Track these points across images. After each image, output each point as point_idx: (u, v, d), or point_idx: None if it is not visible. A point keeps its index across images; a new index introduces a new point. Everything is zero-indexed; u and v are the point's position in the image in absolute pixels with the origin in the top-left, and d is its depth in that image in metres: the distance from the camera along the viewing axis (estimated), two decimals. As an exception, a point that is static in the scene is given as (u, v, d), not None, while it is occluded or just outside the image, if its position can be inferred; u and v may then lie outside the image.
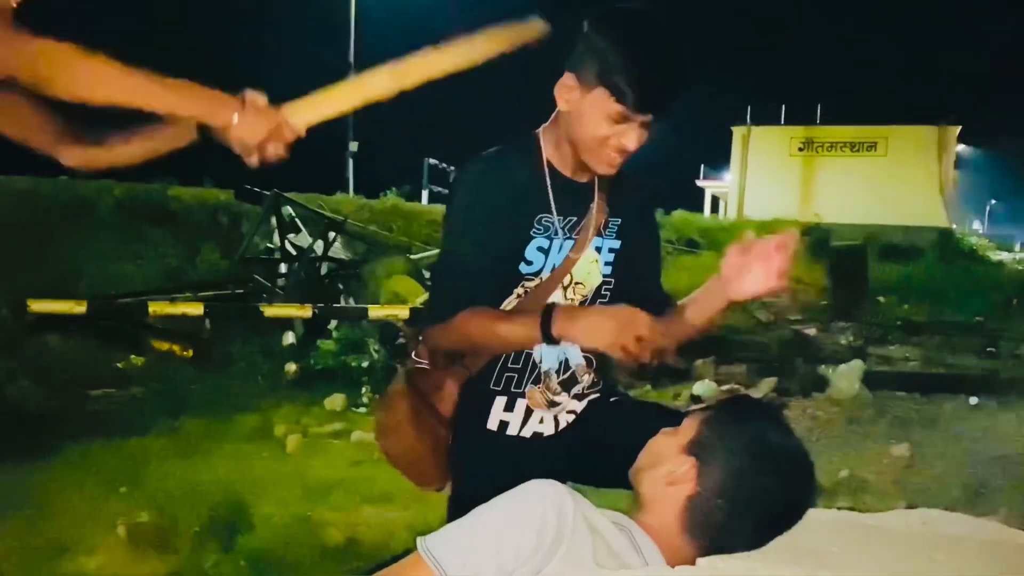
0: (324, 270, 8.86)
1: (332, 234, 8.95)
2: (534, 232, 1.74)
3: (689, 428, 1.35)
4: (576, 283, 1.79)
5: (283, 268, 8.80)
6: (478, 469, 1.80)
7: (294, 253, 8.81)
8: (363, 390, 6.67)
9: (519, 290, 1.77)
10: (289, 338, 7.50)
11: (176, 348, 6.98)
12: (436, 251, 9.89)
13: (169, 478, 4.46)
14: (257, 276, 8.59)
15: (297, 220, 9.29)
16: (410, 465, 1.94)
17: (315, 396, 6.48)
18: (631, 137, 1.65)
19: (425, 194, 18.61)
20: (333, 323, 7.66)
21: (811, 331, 10.28)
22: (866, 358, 8.00)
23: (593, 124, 1.64)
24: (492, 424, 1.82)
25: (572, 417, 1.87)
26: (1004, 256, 25.93)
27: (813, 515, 1.36)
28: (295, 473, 4.78)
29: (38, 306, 6.33)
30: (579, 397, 1.85)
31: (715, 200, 37.85)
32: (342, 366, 7.00)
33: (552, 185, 1.75)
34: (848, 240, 15.50)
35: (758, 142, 30.81)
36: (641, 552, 1.23)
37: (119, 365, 6.66)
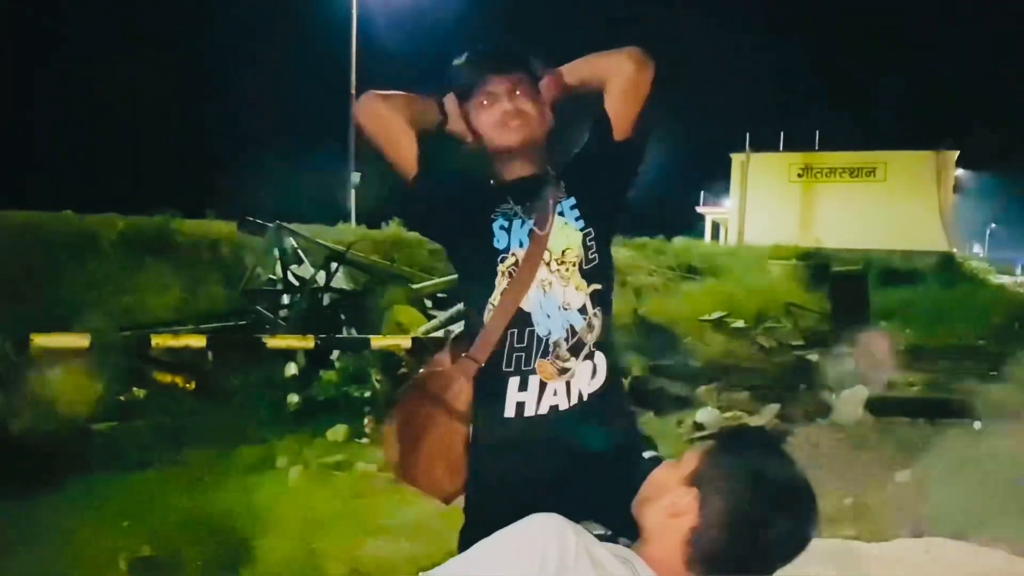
0: (326, 301, 8.87)
1: (334, 265, 8.97)
2: (493, 216, 1.94)
3: (691, 460, 1.35)
4: (557, 259, 1.89)
5: (285, 299, 8.81)
6: (500, 455, 1.86)
7: (296, 284, 8.83)
8: (365, 421, 6.66)
9: (501, 267, 1.90)
10: (291, 369, 7.50)
11: (179, 380, 6.97)
12: (437, 280, 9.94)
13: (171, 511, 4.44)
14: (259, 307, 8.60)
15: (299, 251, 9.32)
16: (424, 474, 1.95)
17: (317, 427, 6.46)
18: (496, 110, 1.91)
19: (426, 224, 18.64)
20: (335, 354, 7.66)
21: (814, 357, 10.26)
22: (869, 383, 7.98)
23: (476, 121, 1.94)
24: (509, 410, 1.86)
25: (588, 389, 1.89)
26: (1005, 279, 25.96)
27: (816, 545, 1.35)
28: (297, 505, 4.76)
29: (41, 340, 6.34)
30: (589, 357, 1.90)
31: (715, 226, 37.92)
32: (344, 397, 6.99)
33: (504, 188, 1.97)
34: (849, 265, 15.51)
35: (757, 168, 30.92)
36: (644, 584, 1.23)
37: (121, 398, 6.65)
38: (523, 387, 1.86)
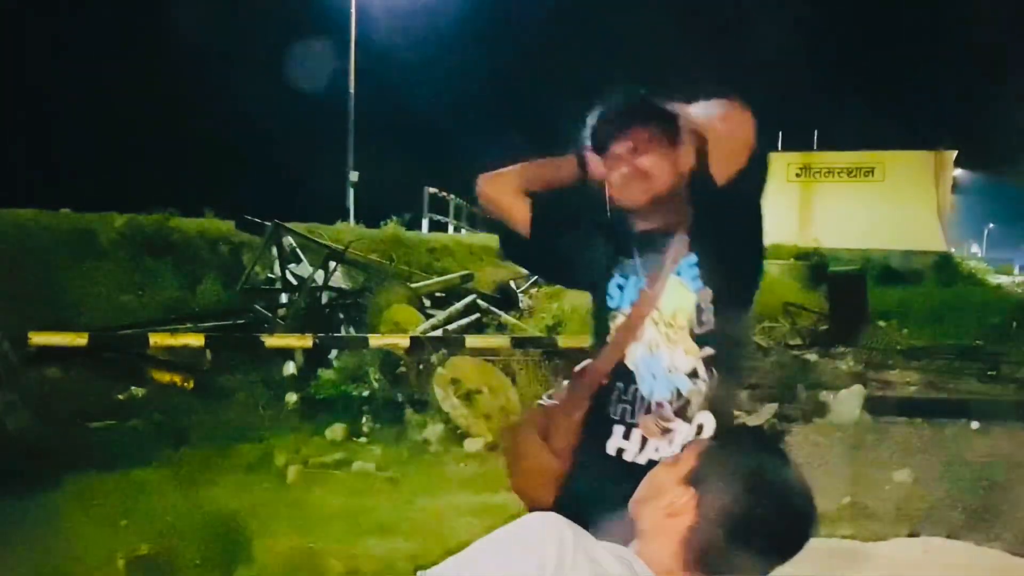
0: (324, 300, 8.87)
1: (332, 264, 8.97)
2: (612, 273, 1.92)
3: (688, 459, 1.36)
4: (666, 321, 1.86)
5: (284, 298, 8.81)
6: (590, 488, 1.86)
7: (295, 283, 8.83)
8: (364, 420, 6.66)
9: (612, 325, 1.91)
10: (290, 368, 7.50)
11: (177, 379, 6.97)
12: (436, 280, 9.94)
13: (169, 510, 4.44)
14: (258, 306, 8.60)
15: (298, 250, 9.32)
16: (520, 489, 2.03)
17: (316, 426, 6.47)
18: (617, 172, 1.86)
19: (425, 223, 18.66)
20: (334, 353, 7.66)
21: (811, 357, 10.26)
22: (867, 383, 7.99)
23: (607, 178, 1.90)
24: (611, 449, 1.89)
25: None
26: (1003, 279, 25.96)
27: (814, 544, 1.36)
28: (296, 504, 4.76)
29: (39, 338, 6.34)
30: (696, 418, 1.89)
31: (714, 226, 37.94)
32: (343, 396, 6.99)
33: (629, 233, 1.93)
34: (847, 265, 15.51)
35: (756, 168, 30.91)
36: (642, 583, 1.23)
37: (120, 397, 6.65)
38: (626, 437, 1.88)
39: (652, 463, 1.82)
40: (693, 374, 1.83)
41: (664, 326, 1.86)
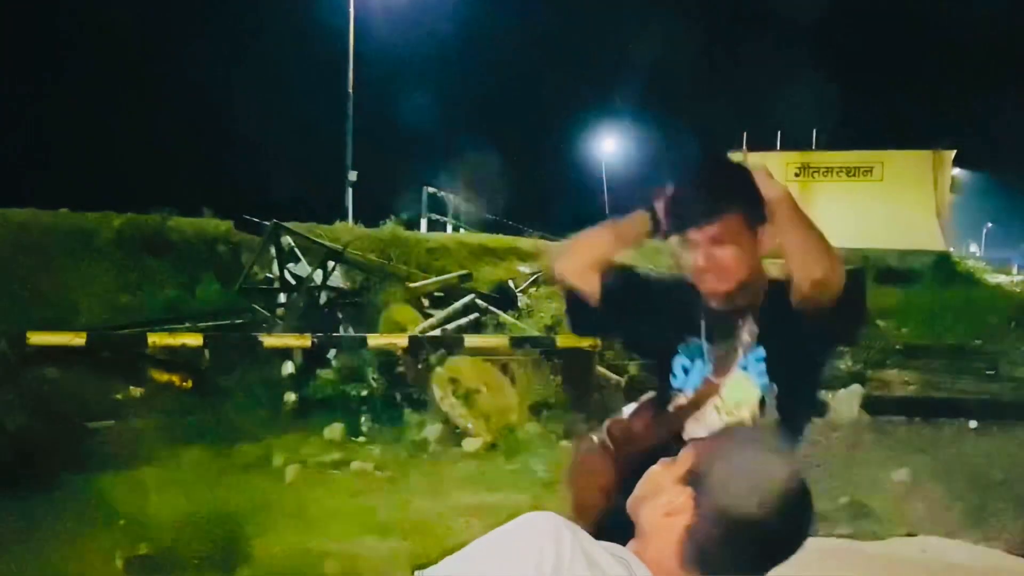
0: (323, 299, 8.87)
1: (331, 263, 8.97)
2: (678, 351, 1.89)
3: (686, 458, 1.35)
4: (729, 411, 1.85)
5: (282, 298, 8.81)
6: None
7: (293, 283, 8.83)
8: (362, 419, 6.66)
9: (671, 405, 1.90)
10: (288, 368, 7.49)
11: (175, 379, 6.96)
12: (434, 279, 9.93)
13: (168, 509, 4.44)
14: (256, 306, 8.59)
15: (296, 250, 9.31)
16: (574, 507, 2.01)
17: (314, 426, 6.46)
18: (693, 257, 1.79)
19: (424, 222, 18.65)
20: (332, 352, 7.66)
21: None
22: (865, 382, 7.99)
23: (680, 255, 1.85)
24: None
25: None
26: (1002, 279, 25.96)
27: (812, 544, 1.36)
28: (294, 503, 4.76)
29: (37, 338, 6.33)
30: None
31: (713, 225, 37.95)
32: (341, 395, 6.99)
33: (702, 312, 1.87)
34: (846, 264, 15.48)
35: (754, 167, 30.93)
36: (640, 583, 1.23)
37: (118, 397, 6.65)
38: None
39: None
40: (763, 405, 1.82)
41: (726, 414, 1.85)
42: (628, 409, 2.03)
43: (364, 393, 7.00)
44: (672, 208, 1.82)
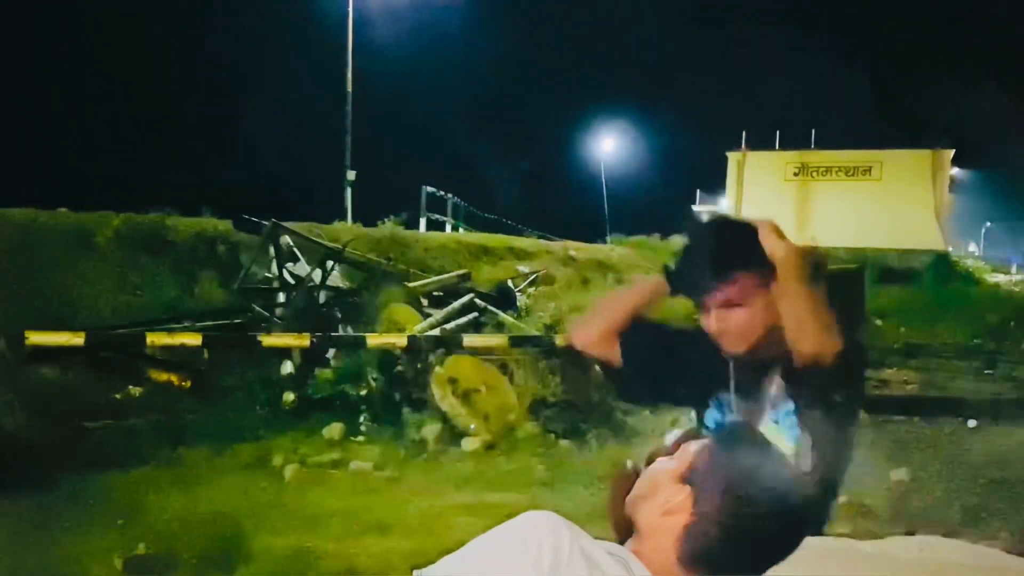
0: (322, 299, 8.86)
1: (330, 263, 8.96)
2: (709, 404, 1.89)
3: (685, 457, 1.35)
4: None
5: (281, 297, 8.80)
6: None
7: (292, 282, 8.82)
8: (361, 419, 6.66)
9: None
10: (287, 367, 7.49)
11: (174, 379, 6.96)
12: (434, 279, 9.92)
13: (167, 509, 4.45)
14: (255, 306, 8.58)
15: (295, 249, 9.30)
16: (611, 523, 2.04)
17: (313, 425, 6.46)
18: (707, 321, 1.80)
19: (423, 222, 18.63)
20: (331, 352, 7.66)
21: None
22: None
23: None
24: None
25: None
26: (1001, 278, 25.97)
27: (810, 543, 1.36)
28: (293, 503, 4.76)
29: (36, 338, 6.33)
30: None
31: (712, 225, 37.89)
32: (340, 395, 6.99)
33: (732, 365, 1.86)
34: (845, 264, 15.51)
35: (753, 167, 30.91)
36: (638, 582, 1.23)
37: (117, 396, 6.65)
38: None
39: None
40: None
41: None
42: (671, 436, 2.04)
43: (363, 393, 6.99)
44: (681, 275, 1.85)
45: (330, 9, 23.71)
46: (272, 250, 8.99)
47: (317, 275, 8.77)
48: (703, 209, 37.74)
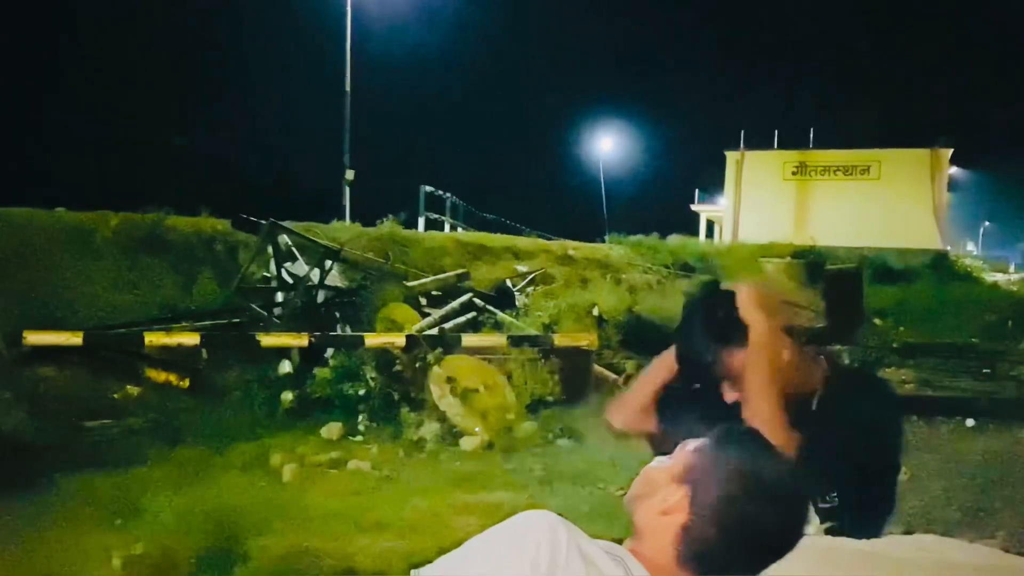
0: (320, 298, 8.86)
1: (328, 262, 8.96)
2: None
3: (682, 457, 1.35)
4: None
5: (280, 297, 8.80)
6: None
7: (291, 282, 8.82)
8: (360, 418, 6.66)
9: None
10: (286, 367, 7.49)
11: (172, 378, 6.96)
12: (432, 278, 9.91)
13: (165, 509, 4.44)
14: (254, 305, 8.58)
15: (294, 249, 9.30)
16: None
17: (312, 425, 6.46)
18: (725, 394, 1.83)
19: (421, 221, 18.62)
20: (329, 351, 7.65)
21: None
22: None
23: None
24: None
25: None
26: (999, 277, 26.01)
27: (807, 542, 1.35)
28: (292, 502, 4.76)
29: (34, 337, 6.33)
30: None
31: (710, 224, 37.96)
32: (339, 394, 6.99)
33: None
34: (843, 263, 15.52)
35: (752, 166, 30.95)
36: (636, 581, 1.23)
37: (115, 396, 6.64)
38: None
39: None
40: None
41: None
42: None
43: (361, 392, 6.99)
44: (683, 359, 1.91)
45: (328, 8, 23.72)
46: (270, 249, 8.98)
47: (315, 275, 8.77)
48: (701, 208, 37.80)
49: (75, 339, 6.40)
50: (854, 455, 1.76)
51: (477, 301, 9.47)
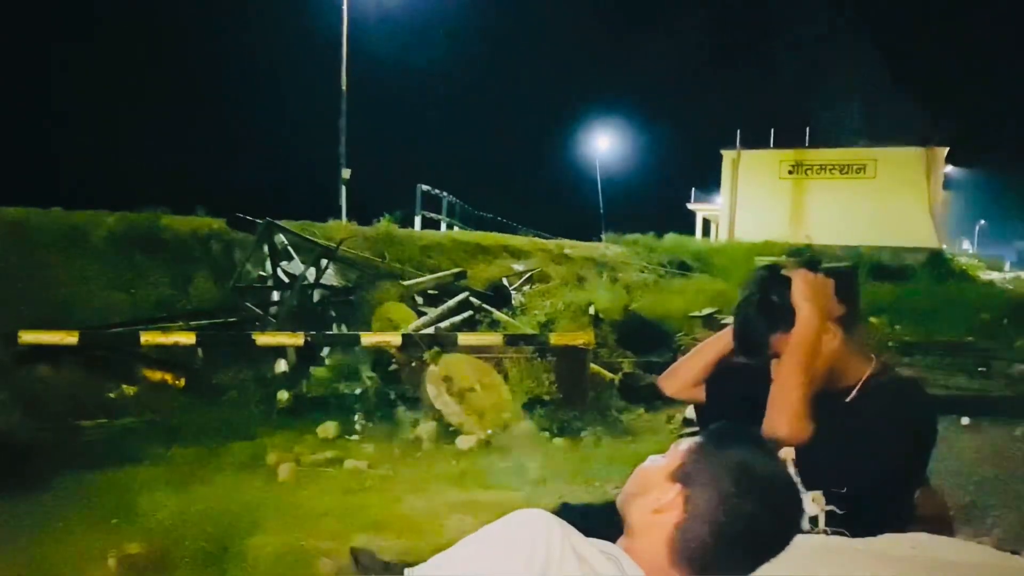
0: (316, 297, 8.86)
1: (324, 261, 8.96)
2: None
3: (676, 456, 1.36)
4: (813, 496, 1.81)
5: (276, 296, 8.80)
6: None
7: (287, 281, 8.82)
8: (356, 417, 6.66)
9: None
10: (281, 366, 7.49)
11: (168, 377, 6.95)
12: (428, 277, 9.91)
13: (161, 509, 4.43)
14: (249, 304, 8.58)
15: (289, 248, 9.30)
16: None
17: (308, 424, 6.46)
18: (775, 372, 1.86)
19: (418, 220, 18.62)
20: (326, 350, 7.65)
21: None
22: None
23: None
24: None
25: None
26: (994, 276, 26.09)
27: (801, 540, 1.36)
28: (287, 502, 4.75)
29: (29, 337, 6.31)
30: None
31: (706, 223, 37.99)
32: (335, 394, 6.99)
33: None
34: (838, 261, 15.52)
35: (748, 165, 31.00)
36: (630, 580, 1.23)
37: (111, 395, 6.63)
38: None
39: None
40: (814, 520, 1.75)
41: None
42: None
43: (358, 391, 6.99)
44: (740, 340, 1.96)
45: (325, 7, 23.69)
46: (266, 248, 8.98)
47: (311, 273, 8.77)
48: (698, 207, 37.83)
49: (71, 338, 6.38)
50: (874, 458, 1.74)
51: (473, 300, 9.47)
